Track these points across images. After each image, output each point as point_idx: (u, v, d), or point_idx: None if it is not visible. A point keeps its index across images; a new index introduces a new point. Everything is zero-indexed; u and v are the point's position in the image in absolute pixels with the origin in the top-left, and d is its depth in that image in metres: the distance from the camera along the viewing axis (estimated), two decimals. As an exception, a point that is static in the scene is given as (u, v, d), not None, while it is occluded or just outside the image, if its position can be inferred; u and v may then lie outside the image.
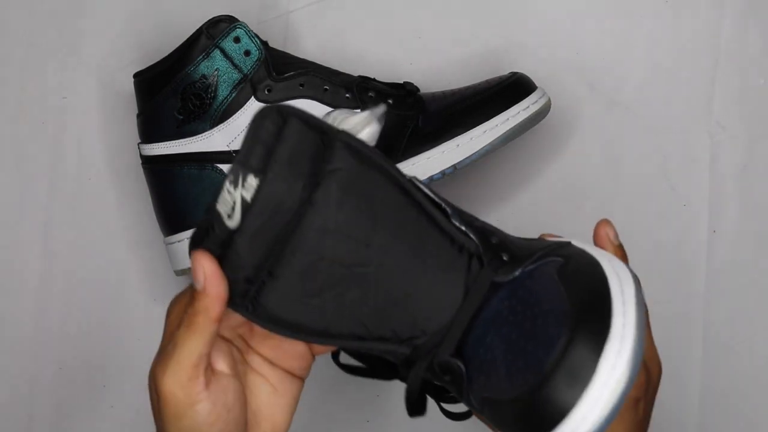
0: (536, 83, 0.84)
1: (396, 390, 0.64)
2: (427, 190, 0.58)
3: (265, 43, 0.81)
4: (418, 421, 0.62)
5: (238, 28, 0.80)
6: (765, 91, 0.89)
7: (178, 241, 0.82)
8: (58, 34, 0.91)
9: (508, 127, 0.81)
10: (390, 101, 0.81)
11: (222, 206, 0.55)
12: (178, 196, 0.81)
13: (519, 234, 0.85)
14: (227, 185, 0.54)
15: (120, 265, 0.90)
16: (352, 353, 0.63)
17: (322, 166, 0.55)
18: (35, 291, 0.90)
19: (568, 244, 0.60)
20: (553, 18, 0.90)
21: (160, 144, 0.81)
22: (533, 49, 0.89)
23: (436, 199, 0.58)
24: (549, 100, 0.83)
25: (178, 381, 0.56)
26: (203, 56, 0.80)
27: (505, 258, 0.57)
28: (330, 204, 0.54)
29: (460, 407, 0.60)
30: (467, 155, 0.81)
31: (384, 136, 0.80)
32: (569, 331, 0.52)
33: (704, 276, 0.87)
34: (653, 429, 0.73)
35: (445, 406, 0.61)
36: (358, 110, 0.67)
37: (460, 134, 0.81)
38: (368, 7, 0.90)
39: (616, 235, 0.63)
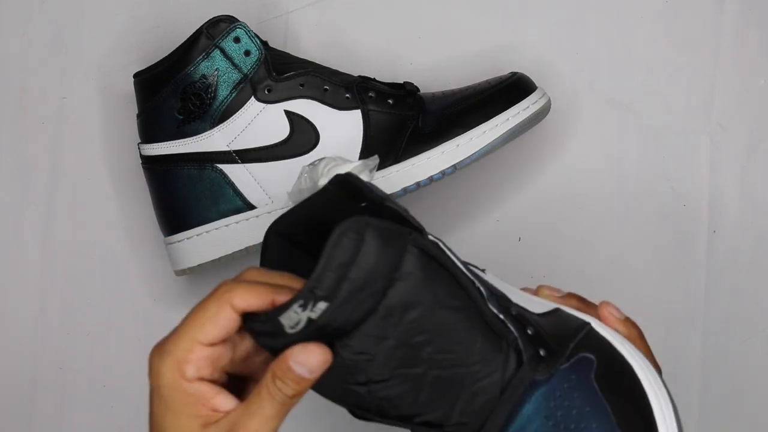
0: (536, 83, 0.84)
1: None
2: (460, 264, 0.59)
3: (265, 43, 0.81)
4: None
5: (238, 28, 0.80)
6: (765, 91, 0.89)
7: (178, 241, 0.82)
8: (58, 34, 0.91)
9: (508, 127, 0.81)
10: (390, 101, 0.81)
11: (285, 320, 0.54)
12: (178, 196, 0.81)
13: (518, 238, 0.85)
14: (295, 307, 0.53)
15: (120, 265, 0.90)
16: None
17: (393, 273, 0.55)
18: (35, 291, 0.90)
19: (589, 326, 0.61)
20: (553, 18, 0.90)
21: (160, 144, 0.81)
22: (533, 49, 0.89)
23: (472, 278, 0.58)
24: (549, 100, 0.83)
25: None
26: (203, 56, 0.80)
27: (542, 353, 0.58)
28: (393, 314, 0.55)
29: None
30: (467, 155, 0.81)
31: (384, 137, 0.81)
32: None
33: (704, 276, 0.87)
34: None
35: None
36: (348, 159, 0.67)
37: (460, 134, 0.81)
38: (368, 6, 0.90)
39: (619, 311, 0.64)
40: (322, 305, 0.53)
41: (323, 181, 0.63)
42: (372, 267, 0.54)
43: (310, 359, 0.55)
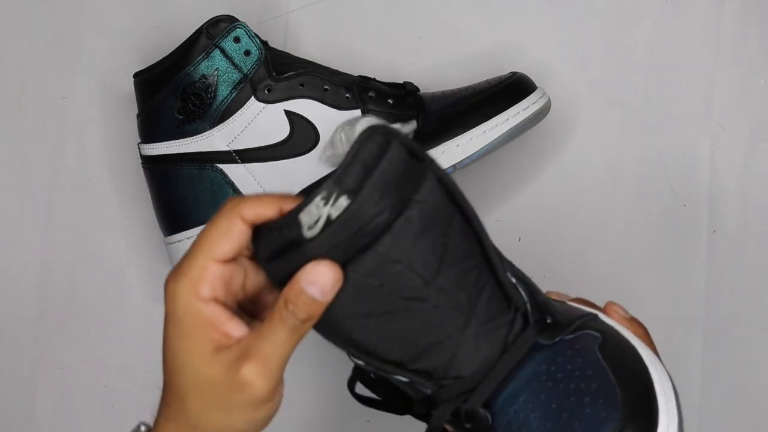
0: (536, 83, 0.84)
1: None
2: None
3: (265, 43, 0.81)
4: (418, 423, 0.62)
5: (238, 28, 0.80)
6: (765, 91, 0.89)
7: (178, 241, 0.82)
8: (58, 34, 0.91)
9: (508, 127, 0.81)
10: (390, 101, 0.81)
11: (305, 217, 0.53)
12: (178, 196, 0.82)
13: (518, 238, 0.85)
14: (317, 200, 0.53)
15: (120, 265, 0.90)
16: (368, 383, 0.63)
17: (411, 195, 0.54)
18: (35, 291, 0.90)
19: (596, 316, 0.61)
20: (553, 18, 0.90)
21: (160, 144, 0.81)
22: (533, 49, 0.89)
23: (494, 245, 0.58)
24: (549, 99, 0.83)
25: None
26: (203, 56, 0.80)
27: (549, 320, 0.58)
28: (407, 235, 0.54)
29: None
30: (467, 155, 0.81)
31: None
32: (621, 420, 0.53)
33: (704, 276, 0.87)
34: (653, 429, 0.73)
35: None
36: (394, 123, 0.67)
37: (459, 134, 0.81)
38: (368, 7, 0.90)
39: (626, 311, 0.65)
40: (343, 201, 0.52)
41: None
42: (392, 175, 0.53)
43: (321, 278, 0.54)
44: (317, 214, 0.53)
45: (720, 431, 0.85)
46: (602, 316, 0.62)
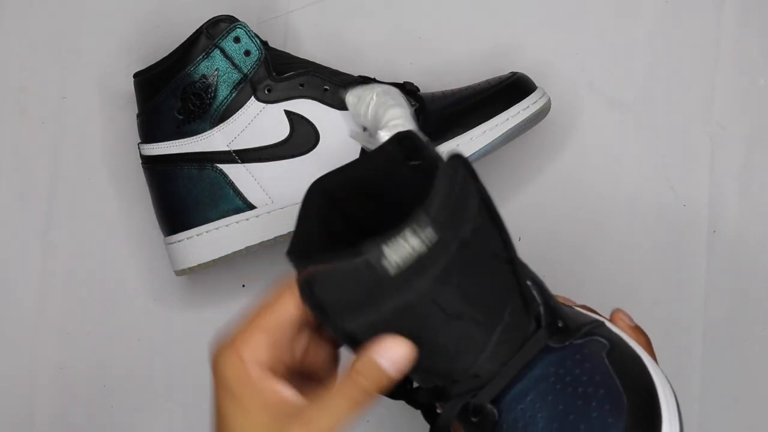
0: (536, 83, 0.84)
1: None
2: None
3: (265, 43, 0.81)
4: (418, 422, 0.62)
5: (238, 28, 0.80)
6: (765, 91, 0.89)
7: (178, 241, 0.82)
8: (58, 34, 0.91)
9: (508, 127, 0.81)
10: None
11: (393, 252, 0.53)
12: (178, 196, 0.81)
13: (518, 238, 0.85)
14: (408, 232, 0.53)
15: (120, 265, 0.90)
16: None
17: (464, 214, 0.55)
18: (35, 291, 0.90)
19: (603, 324, 0.62)
20: (553, 18, 0.90)
21: (160, 144, 0.81)
22: (533, 49, 0.89)
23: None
24: (549, 99, 0.83)
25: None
26: (203, 56, 0.80)
27: (560, 324, 0.59)
28: (459, 255, 0.55)
29: None
30: (467, 155, 0.80)
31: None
32: (626, 428, 0.55)
33: (704, 276, 0.87)
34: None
35: None
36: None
37: (459, 134, 0.81)
38: (368, 7, 0.90)
39: (631, 319, 0.66)
40: (430, 232, 0.53)
41: (383, 134, 0.68)
42: (458, 200, 0.55)
43: (396, 352, 0.54)
44: (405, 249, 0.53)
45: (720, 431, 0.85)
46: (608, 324, 0.63)
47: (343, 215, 0.62)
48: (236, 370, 0.55)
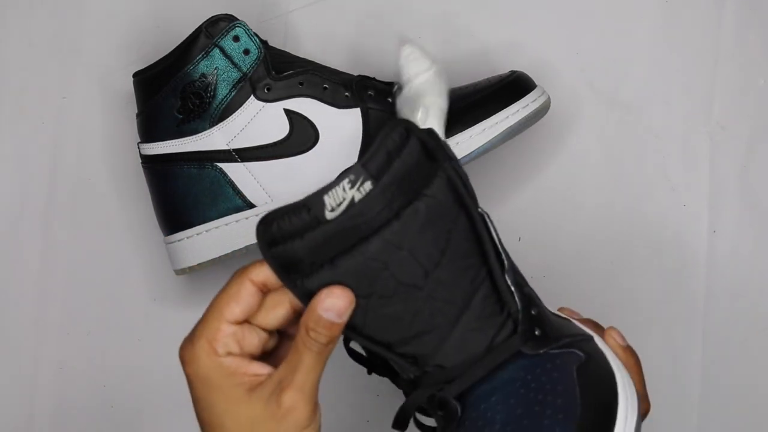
0: (536, 82, 0.84)
1: (396, 392, 0.65)
2: (495, 237, 0.61)
3: (264, 42, 0.81)
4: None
5: (238, 27, 0.80)
6: (765, 91, 0.89)
7: (178, 241, 0.82)
8: (58, 34, 0.91)
9: (507, 125, 0.81)
10: (389, 100, 0.81)
11: (330, 199, 0.56)
12: (177, 195, 0.81)
13: (518, 238, 0.85)
14: (345, 182, 0.56)
15: (120, 265, 0.90)
16: (365, 348, 0.65)
17: (422, 188, 0.57)
18: (35, 291, 0.90)
19: (591, 339, 0.63)
20: (553, 18, 0.90)
21: (159, 143, 0.81)
22: (533, 48, 0.89)
23: (500, 249, 0.61)
24: (548, 98, 0.83)
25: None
26: (203, 55, 0.80)
27: (537, 333, 0.61)
28: (413, 224, 0.57)
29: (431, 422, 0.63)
30: (467, 153, 0.81)
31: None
32: None
33: (704, 276, 0.87)
34: (653, 429, 0.73)
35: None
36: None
37: (459, 132, 0.81)
38: (368, 6, 0.90)
39: (623, 338, 0.66)
40: (368, 185, 0.56)
41: (420, 116, 0.73)
42: (409, 167, 0.57)
43: (337, 303, 0.57)
44: (342, 197, 0.56)
45: (720, 431, 0.85)
46: (598, 340, 0.64)
47: None
48: (212, 363, 0.59)
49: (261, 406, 0.59)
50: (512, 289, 0.60)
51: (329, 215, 0.56)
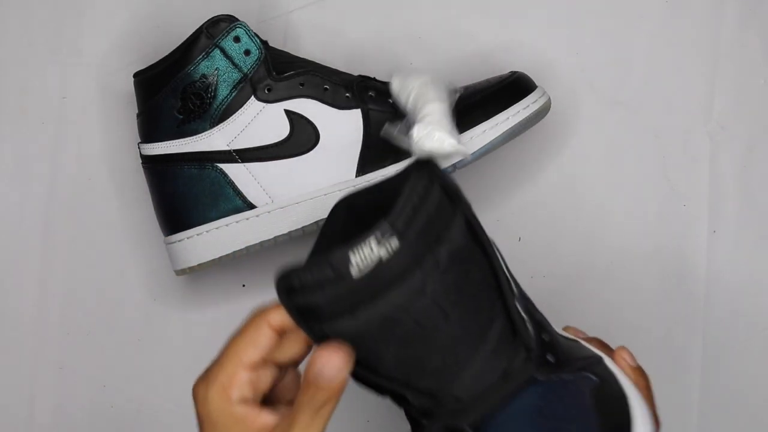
0: (536, 83, 0.84)
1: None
2: (504, 266, 0.61)
3: (265, 43, 0.81)
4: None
5: (238, 27, 0.80)
6: (765, 91, 0.89)
7: (178, 241, 0.82)
8: (58, 34, 0.91)
9: (508, 126, 0.81)
10: (390, 100, 0.81)
11: (357, 257, 0.55)
12: (178, 195, 0.81)
13: (518, 238, 0.85)
14: (372, 240, 0.55)
15: (120, 265, 0.90)
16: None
17: (442, 233, 0.57)
18: (35, 291, 0.90)
19: (602, 360, 0.63)
20: (553, 18, 0.90)
21: (160, 143, 0.81)
22: (533, 49, 0.89)
23: (509, 278, 0.61)
24: (549, 99, 0.83)
25: None
26: (203, 56, 0.80)
27: (549, 358, 0.61)
28: (435, 271, 0.57)
29: None
30: (467, 153, 0.81)
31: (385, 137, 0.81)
32: None
33: (704, 276, 0.87)
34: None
35: None
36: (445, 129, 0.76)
37: (460, 133, 0.80)
38: (368, 6, 0.90)
39: (633, 359, 0.66)
40: (394, 242, 0.55)
41: (417, 130, 0.74)
42: (431, 214, 0.57)
43: (334, 360, 0.57)
44: (369, 256, 0.55)
45: (720, 431, 0.85)
46: (608, 361, 0.64)
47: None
48: (223, 407, 0.60)
49: None
50: (524, 316, 0.61)
51: (355, 273, 0.55)
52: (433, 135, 0.77)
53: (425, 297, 0.56)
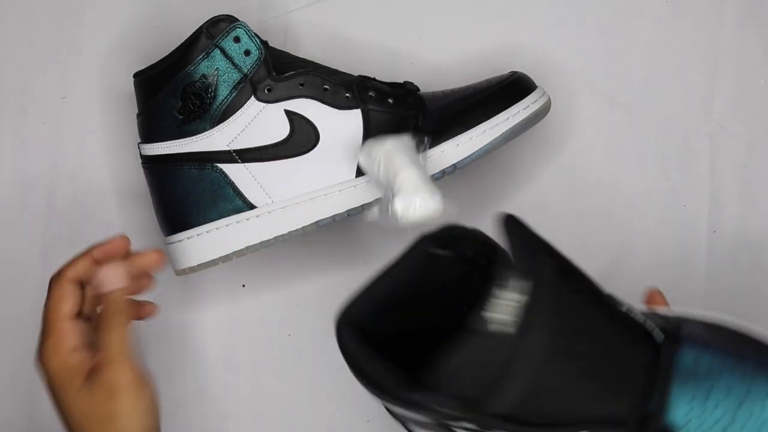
0: (536, 83, 0.84)
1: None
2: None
3: (265, 43, 0.81)
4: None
5: (238, 27, 0.80)
6: (765, 91, 0.89)
7: (178, 241, 0.82)
8: (58, 34, 0.91)
9: (508, 126, 0.81)
10: (390, 101, 0.81)
11: (496, 313, 0.57)
12: (178, 195, 0.81)
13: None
14: (500, 290, 0.57)
15: (120, 265, 0.90)
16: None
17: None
18: (35, 291, 0.90)
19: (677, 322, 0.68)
20: (553, 18, 0.90)
21: (160, 144, 0.81)
22: (533, 49, 0.89)
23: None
24: (549, 99, 0.83)
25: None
26: (203, 56, 0.80)
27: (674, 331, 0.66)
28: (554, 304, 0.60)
29: None
30: (467, 154, 0.81)
31: (385, 136, 0.81)
32: None
33: (704, 276, 0.87)
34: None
35: None
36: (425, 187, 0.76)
37: (460, 133, 0.81)
38: (368, 7, 0.90)
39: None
40: (521, 282, 0.58)
41: (398, 204, 0.74)
42: (531, 252, 0.62)
43: (112, 277, 0.72)
44: (507, 305, 0.57)
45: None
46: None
47: (381, 336, 0.65)
48: (62, 360, 0.69)
49: (91, 392, 0.68)
50: (630, 315, 0.65)
51: (507, 328, 0.57)
52: (414, 204, 0.76)
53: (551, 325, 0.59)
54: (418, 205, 0.76)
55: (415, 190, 0.76)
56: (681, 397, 0.62)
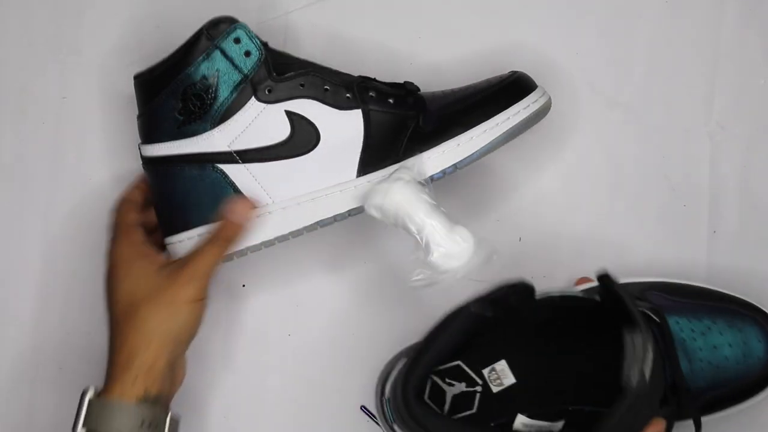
0: (536, 83, 0.84)
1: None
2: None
3: (265, 44, 0.81)
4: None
5: (238, 28, 0.80)
6: (765, 91, 0.89)
7: (179, 242, 0.82)
8: (58, 34, 0.91)
9: (508, 126, 0.81)
10: (390, 101, 0.81)
11: (644, 368, 0.71)
12: (178, 196, 0.81)
13: (518, 238, 0.85)
14: (638, 346, 0.72)
15: (120, 265, 0.90)
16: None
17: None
18: (35, 291, 0.90)
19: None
20: (553, 18, 0.90)
21: (160, 145, 0.81)
22: (533, 49, 0.89)
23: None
24: (549, 98, 0.83)
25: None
26: (203, 57, 0.79)
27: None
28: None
29: None
30: (468, 154, 0.81)
31: (385, 137, 0.81)
32: None
33: (704, 276, 0.87)
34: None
35: None
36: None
37: (460, 133, 0.81)
38: (368, 7, 0.90)
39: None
40: (645, 337, 0.72)
41: (436, 258, 0.76)
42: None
43: (241, 212, 0.79)
44: (646, 357, 0.71)
45: (720, 431, 0.85)
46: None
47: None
48: (131, 248, 0.80)
49: (164, 278, 0.77)
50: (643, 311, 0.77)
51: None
52: (452, 255, 0.77)
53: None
54: (455, 255, 0.76)
55: (443, 239, 0.76)
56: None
